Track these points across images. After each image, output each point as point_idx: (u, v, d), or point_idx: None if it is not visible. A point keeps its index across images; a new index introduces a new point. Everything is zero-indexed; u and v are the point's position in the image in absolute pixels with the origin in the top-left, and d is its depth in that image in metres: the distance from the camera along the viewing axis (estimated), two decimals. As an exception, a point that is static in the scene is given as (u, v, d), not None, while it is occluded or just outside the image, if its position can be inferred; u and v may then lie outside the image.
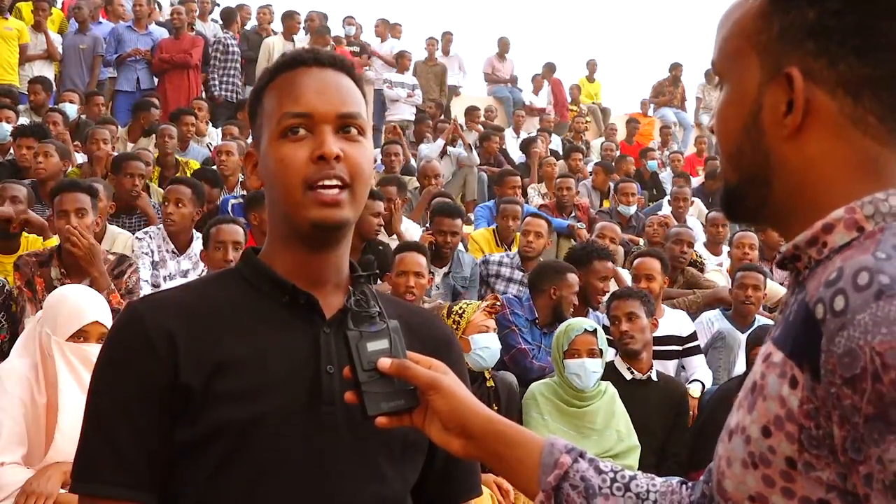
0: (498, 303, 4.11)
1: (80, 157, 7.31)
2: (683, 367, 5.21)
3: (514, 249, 6.40)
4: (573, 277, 5.04)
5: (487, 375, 4.02)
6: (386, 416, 1.20)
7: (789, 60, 0.94)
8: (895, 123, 0.93)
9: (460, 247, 6.26)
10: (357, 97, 1.36)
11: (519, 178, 8.36)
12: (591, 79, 14.90)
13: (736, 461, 0.93)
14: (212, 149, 8.43)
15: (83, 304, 3.10)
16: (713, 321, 5.58)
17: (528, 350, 4.81)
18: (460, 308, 3.97)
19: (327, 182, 1.28)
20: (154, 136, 7.77)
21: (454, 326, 3.83)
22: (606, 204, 9.33)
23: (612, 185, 9.66)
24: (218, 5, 12.23)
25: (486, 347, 3.83)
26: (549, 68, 14.06)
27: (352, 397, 1.21)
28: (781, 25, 0.95)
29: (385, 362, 1.19)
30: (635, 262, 5.42)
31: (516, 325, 4.92)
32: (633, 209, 8.49)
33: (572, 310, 5.03)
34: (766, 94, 0.96)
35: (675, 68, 14.56)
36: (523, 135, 11.98)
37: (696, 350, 5.22)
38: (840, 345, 0.82)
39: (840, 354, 0.82)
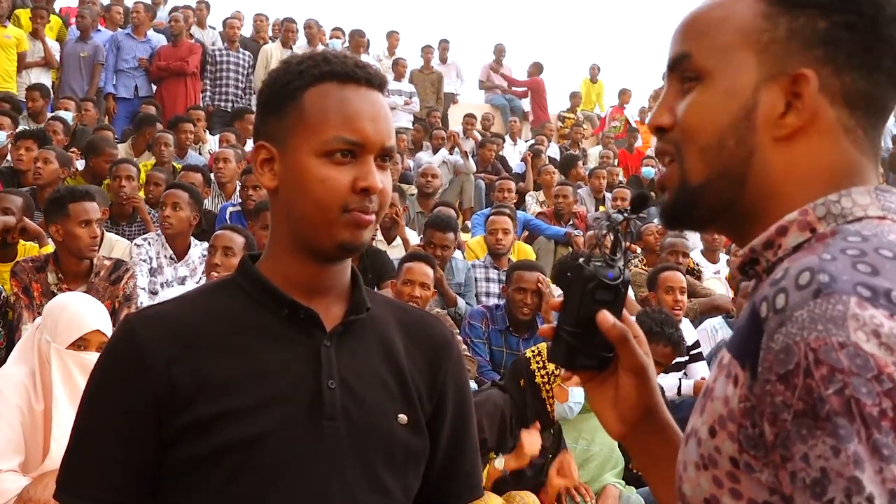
0: None
1: (80, 164, 7.32)
2: (686, 375, 5.23)
3: (514, 256, 6.46)
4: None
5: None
6: (573, 370, 1.13)
7: (796, 64, 0.95)
8: (873, 138, 0.97)
9: (455, 253, 6.29)
10: (393, 125, 1.35)
11: (511, 183, 8.39)
12: (594, 80, 14.89)
13: (690, 464, 0.93)
14: (209, 156, 8.45)
15: (84, 312, 3.10)
16: (717, 329, 5.59)
17: (478, 362, 4.94)
18: None
19: (365, 215, 1.27)
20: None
21: (556, 372, 3.74)
22: (602, 210, 9.34)
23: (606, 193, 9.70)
24: (208, 5, 12.09)
25: (578, 402, 3.79)
26: (536, 68, 14.05)
27: (549, 332, 1.13)
28: (790, 28, 0.95)
29: (607, 320, 1.08)
30: (662, 275, 5.40)
31: (471, 335, 5.06)
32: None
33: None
34: (764, 93, 0.96)
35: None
36: (521, 142, 12.00)
37: (699, 357, 5.24)
38: (778, 341, 0.82)
39: (777, 351, 0.82)
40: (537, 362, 3.79)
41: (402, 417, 1.34)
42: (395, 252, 6.18)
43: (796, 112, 0.95)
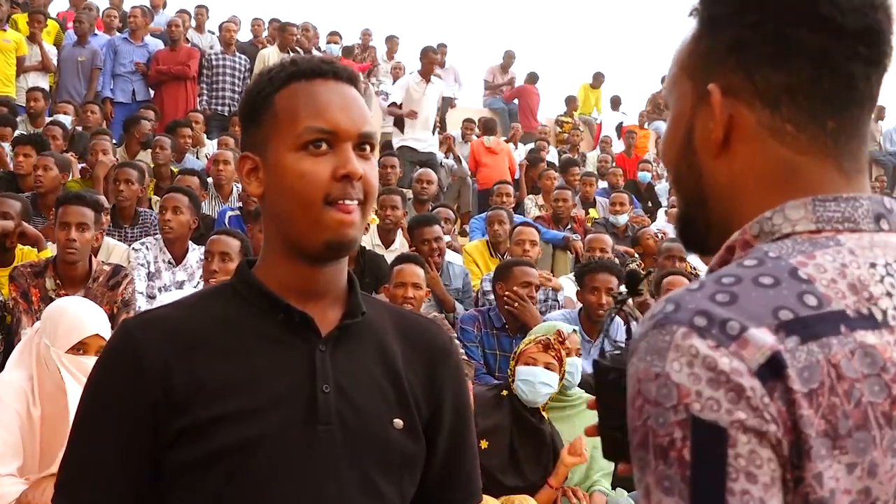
0: (560, 339, 3.94)
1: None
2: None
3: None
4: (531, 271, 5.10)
5: (546, 415, 3.89)
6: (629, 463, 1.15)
7: (713, 78, 0.94)
8: (815, 130, 0.92)
9: (453, 258, 6.27)
10: (370, 113, 1.37)
11: (510, 187, 8.40)
12: (594, 86, 14.87)
13: None
14: (208, 159, 8.46)
15: (83, 316, 3.10)
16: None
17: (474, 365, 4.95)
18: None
19: (348, 202, 1.28)
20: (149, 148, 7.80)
21: (513, 357, 3.83)
22: (593, 213, 9.32)
23: (596, 196, 9.71)
24: (207, 9, 12.11)
25: (525, 380, 3.74)
26: (531, 77, 14.01)
27: (593, 432, 1.15)
28: (707, 45, 0.96)
29: None
30: (666, 280, 5.36)
31: (464, 340, 5.07)
32: (624, 218, 8.51)
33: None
34: (697, 114, 0.96)
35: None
36: (521, 147, 12.01)
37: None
38: (629, 371, 0.84)
39: (628, 379, 0.84)
40: None
41: (398, 422, 1.34)
42: (394, 256, 6.17)
43: (715, 125, 0.94)
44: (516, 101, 13.78)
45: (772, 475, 0.77)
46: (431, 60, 9.69)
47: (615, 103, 14.56)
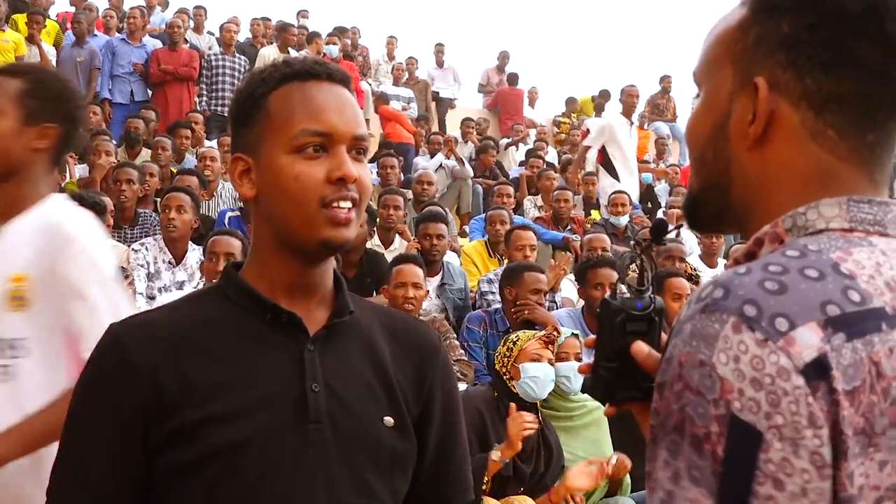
0: (555, 332, 3.97)
1: (78, 170, 7.34)
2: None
3: (507, 261, 6.42)
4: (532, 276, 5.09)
5: (540, 413, 3.87)
6: (613, 403, 1.13)
7: (759, 70, 0.94)
8: (856, 139, 0.93)
9: (451, 259, 6.27)
10: (362, 115, 1.37)
11: (510, 188, 8.41)
12: (593, 99, 14.86)
13: None
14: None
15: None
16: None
17: (475, 366, 4.96)
18: (515, 336, 3.90)
19: (342, 204, 1.28)
20: (149, 148, 7.81)
21: (507, 354, 3.79)
22: (595, 214, 9.32)
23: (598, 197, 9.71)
24: (205, 9, 12.12)
25: (535, 377, 3.73)
26: (512, 78, 14.01)
27: (586, 369, 1.14)
28: (757, 35, 0.95)
29: (642, 351, 1.07)
30: (669, 280, 5.25)
31: (468, 340, 5.10)
32: (625, 219, 8.49)
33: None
34: (736, 102, 0.96)
35: (665, 80, 14.58)
36: (522, 147, 12.01)
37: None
38: (668, 351, 0.85)
39: (665, 360, 0.85)
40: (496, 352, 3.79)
41: (388, 420, 1.34)
42: (393, 256, 6.17)
43: (757, 120, 0.94)
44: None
45: (803, 485, 0.78)
46: (635, 95, 9.90)
47: (599, 108, 14.55)
